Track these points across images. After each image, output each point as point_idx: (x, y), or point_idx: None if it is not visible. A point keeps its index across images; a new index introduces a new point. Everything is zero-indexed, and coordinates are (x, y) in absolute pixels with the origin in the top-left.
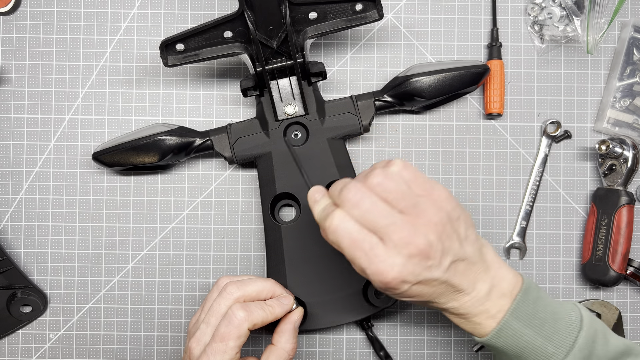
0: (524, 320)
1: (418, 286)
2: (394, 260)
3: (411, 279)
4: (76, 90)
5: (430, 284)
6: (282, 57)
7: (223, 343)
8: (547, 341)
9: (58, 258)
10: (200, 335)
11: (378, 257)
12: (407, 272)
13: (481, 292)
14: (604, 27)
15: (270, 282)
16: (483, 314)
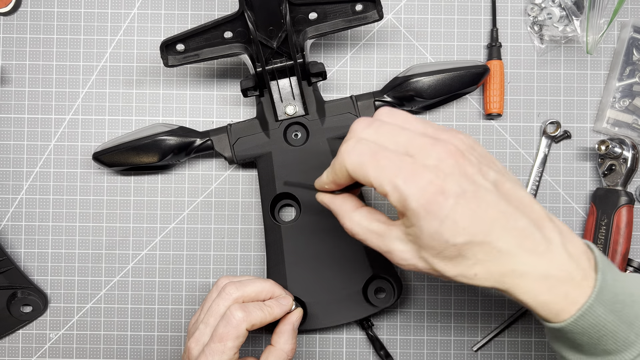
0: (608, 305)
1: (466, 203)
2: (425, 162)
3: (452, 186)
4: (76, 90)
5: (480, 198)
6: (282, 58)
7: (221, 343)
8: (629, 328)
9: (58, 258)
10: (199, 336)
11: (406, 162)
12: (443, 174)
13: (554, 239)
14: (603, 27)
15: (269, 282)
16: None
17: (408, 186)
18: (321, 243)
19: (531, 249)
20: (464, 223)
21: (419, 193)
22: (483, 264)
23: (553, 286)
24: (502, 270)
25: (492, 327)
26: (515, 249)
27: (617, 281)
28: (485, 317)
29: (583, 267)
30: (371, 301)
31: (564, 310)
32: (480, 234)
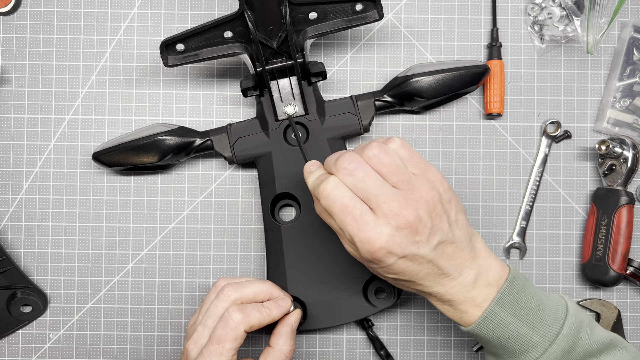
0: (510, 309)
1: (404, 261)
2: (382, 229)
3: (397, 252)
4: (76, 90)
5: (416, 261)
6: (282, 57)
7: (219, 345)
8: (532, 330)
9: (58, 258)
10: (198, 337)
11: (367, 225)
12: (394, 243)
13: (467, 278)
14: (603, 27)
15: (268, 284)
16: (469, 302)
17: (363, 245)
18: (321, 243)
19: (443, 284)
20: (399, 271)
21: (370, 252)
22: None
23: (453, 305)
24: (417, 290)
25: None
26: (431, 284)
27: (525, 292)
28: None
29: (486, 292)
30: (371, 301)
31: (470, 315)
32: (410, 277)
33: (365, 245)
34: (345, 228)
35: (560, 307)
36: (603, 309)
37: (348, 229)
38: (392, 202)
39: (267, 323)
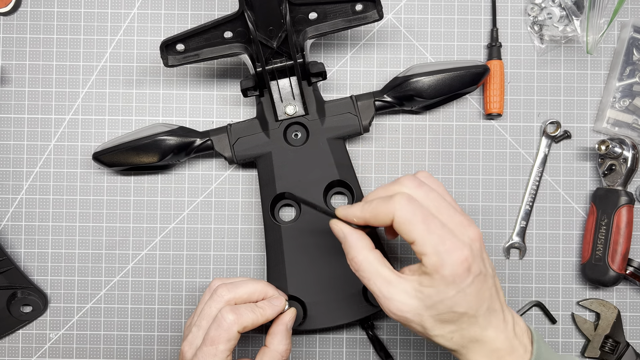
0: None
1: (478, 280)
2: (460, 240)
3: (474, 268)
4: (76, 90)
5: (485, 283)
6: (282, 57)
7: (213, 346)
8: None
9: (58, 258)
10: (192, 339)
11: (450, 235)
12: (472, 256)
13: (509, 321)
14: (603, 27)
15: (262, 283)
16: (514, 354)
17: (449, 255)
18: (321, 243)
19: (496, 326)
20: (470, 297)
21: (455, 265)
22: (462, 331)
23: (502, 357)
24: (472, 337)
25: None
26: (487, 324)
27: (548, 353)
28: None
29: (524, 343)
30: (371, 301)
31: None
32: (475, 308)
33: (451, 257)
34: (430, 237)
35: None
36: (603, 309)
37: (433, 237)
38: (460, 216)
39: (261, 323)
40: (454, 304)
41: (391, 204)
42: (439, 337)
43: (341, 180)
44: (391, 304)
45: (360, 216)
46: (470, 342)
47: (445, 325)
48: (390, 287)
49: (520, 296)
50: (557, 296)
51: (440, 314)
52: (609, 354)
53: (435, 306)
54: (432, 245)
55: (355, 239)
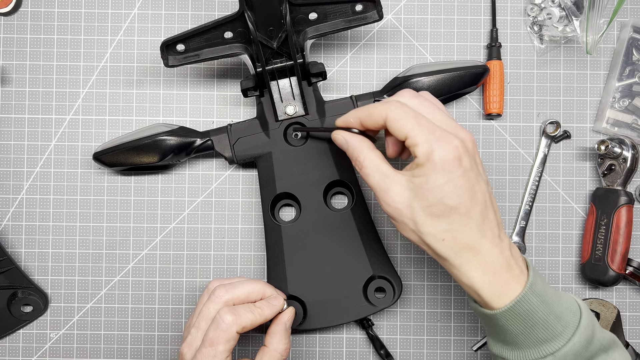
0: (539, 296)
1: (470, 176)
2: (451, 134)
3: (466, 162)
4: (77, 90)
5: (478, 183)
6: (282, 58)
7: (212, 348)
8: (557, 320)
9: (59, 258)
10: (191, 340)
11: (441, 129)
12: (465, 150)
13: (504, 240)
14: (603, 27)
15: (260, 283)
16: (508, 272)
17: (439, 143)
18: (321, 243)
19: (490, 238)
20: (461, 191)
21: (445, 151)
22: (454, 232)
23: (498, 272)
24: (465, 243)
25: None
26: (481, 232)
27: (544, 284)
28: None
29: (520, 265)
30: (371, 301)
31: (504, 295)
32: (467, 206)
33: (441, 144)
34: (420, 129)
35: (572, 301)
36: (602, 308)
37: (423, 129)
38: (453, 122)
39: (259, 323)
40: (444, 195)
41: (385, 105)
42: (430, 236)
43: (341, 180)
44: (386, 195)
45: (356, 116)
46: (463, 248)
47: (437, 220)
48: (387, 179)
49: None
50: None
51: (430, 206)
52: None
53: (425, 196)
54: (423, 135)
55: (357, 141)
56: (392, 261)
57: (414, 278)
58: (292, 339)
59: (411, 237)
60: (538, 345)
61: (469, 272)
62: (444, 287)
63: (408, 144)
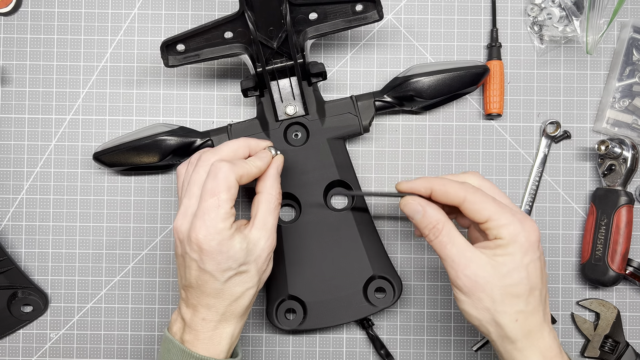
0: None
1: (542, 260)
2: (528, 218)
3: (540, 247)
4: (77, 90)
5: (544, 269)
6: (282, 58)
7: (214, 197)
8: None
9: (59, 258)
10: (185, 210)
11: (519, 212)
12: (537, 235)
13: (552, 329)
14: (603, 27)
15: (242, 139)
16: (563, 358)
17: (524, 225)
18: (321, 243)
19: (548, 322)
20: (539, 272)
21: (530, 233)
22: (526, 314)
23: (554, 357)
24: (533, 325)
25: None
26: (544, 315)
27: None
28: None
29: (565, 351)
30: (371, 301)
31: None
32: (540, 288)
33: (526, 226)
34: (503, 211)
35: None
36: (602, 308)
37: (506, 211)
38: (516, 206)
39: (254, 175)
40: (527, 275)
41: (462, 186)
42: (505, 315)
43: (341, 180)
44: (467, 268)
45: (428, 186)
46: (531, 331)
47: (515, 300)
48: (467, 252)
49: None
50: (557, 296)
51: (513, 285)
52: (609, 353)
53: (509, 274)
54: (507, 217)
55: (436, 210)
56: (392, 261)
57: (414, 278)
58: (292, 339)
59: (479, 316)
60: None
61: (531, 355)
62: (444, 287)
63: (489, 226)
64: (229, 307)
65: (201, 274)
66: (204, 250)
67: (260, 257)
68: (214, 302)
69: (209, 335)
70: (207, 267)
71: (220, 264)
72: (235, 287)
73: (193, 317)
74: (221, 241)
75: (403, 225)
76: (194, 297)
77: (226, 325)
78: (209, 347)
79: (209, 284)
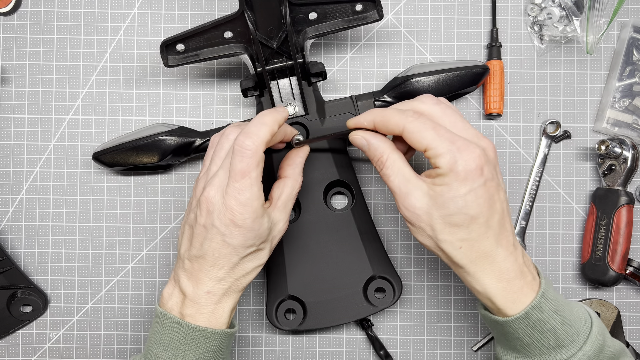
0: (552, 304)
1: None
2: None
3: (487, 172)
4: (77, 90)
5: (498, 193)
6: (282, 58)
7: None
8: (568, 328)
9: (58, 258)
10: (219, 182)
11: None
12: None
13: (518, 248)
14: (603, 27)
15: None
16: (521, 280)
17: (461, 153)
18: (321, 243)
19: (506, 246)
20: (481, 200)
21: (468, 161)
22: (471, 241)
23: (512, 279)
24: (481, 251)
25: None
26: (497, 240)
27: (555, 292)
28: None
29: (532, 273)
30: (371, 301)
31: (517, 301)
32: (486, 216)
33: (464, 154)
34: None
35: (582, 310)
36: (602, 308)
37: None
38: (475, 131)
39: (279, 139)
40: (465, 205)
41: (402, 116)
42: (447, 244)
43: (341, 180)
44: (406, 199)
45: (370, 119)
46: (479, 257)
47: (455, 229)
48: (408, 183)
49: None
50: None
51: (450, 215)
52: None
53: (446, 205)
54: (445, 145)
55: (380, 141)
56: (392, 261)
57: (414, 278)
58: (292, 339)
59: (426, 243)
60: (549, 353)
61: (483, 279)
62: (444, 288)
63: (429, 155)
64: (236, 282)
65: (223, 247)
66: (238, 226)
67: (275, 237)
68: (224, 275)
69: (211, 309)
70: (233, 242)
71: (248, 240)
72: (248, 263)
73: (196, 290)
74: (255, 219)
75: (403, 225)
76: (202, 270)
77: (228, 299)
78: (210, 321)
79: (227, 257)
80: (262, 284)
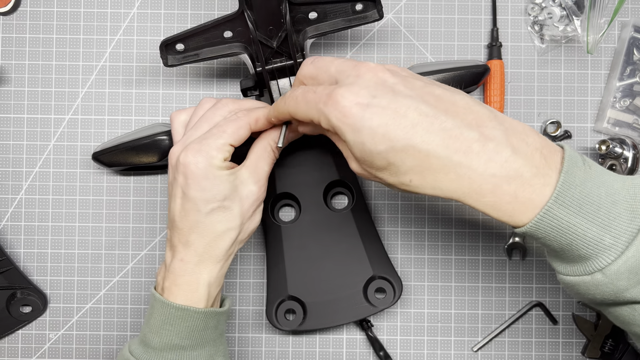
0: (573, 208)
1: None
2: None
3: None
4: (76, 90)
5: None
6: (282, 57)
7: (219, 129)
8: (604, 230)
9: (58, 258)
10: (185, 139)
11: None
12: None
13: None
14: (604, 27)
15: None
16: (516, 181)
17: (327, 107)
18: (321, 243)
19: (463, 150)
20: (382, 130)
21: (336, 110)
22: (415, 170)
23: (496, 185)
24: (434, 174)
25: (492, 328)
26: (442, 150)
27: (589, 181)
28: (485, 318)
29: (536, 165)
30: (371, 301)
31: (520, 212)
32: (401, 139)
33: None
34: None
35: (638, 197)
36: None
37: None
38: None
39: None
40: (370, 146)
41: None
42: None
43: (341, 180)
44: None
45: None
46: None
47: (390, 170)
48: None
49: (521, 296)
50: (557, 296)
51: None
52: (609, 354)
53: (361, 157)
54: (315, 110)
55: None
56: (392, 261)
57: (414, 278)
58: (291, 340)
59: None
60: (580, 261)
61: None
62: (444, 288)
63: (323, 127)
64: (208, 247)
65: (185, 202)
66: (190, 172)
67: (246, 199)
68: (193, 238)
69: (186, 279)
70: (190, 193)
71: (205, 191)
72: (216, 224)
73: (173, 260)
74: (208, 166)
75: (403, 225)
76: (175, 235)
77: (203, 270)
78: (186, 294)
79: (191, 215)
80: (262, 284)
